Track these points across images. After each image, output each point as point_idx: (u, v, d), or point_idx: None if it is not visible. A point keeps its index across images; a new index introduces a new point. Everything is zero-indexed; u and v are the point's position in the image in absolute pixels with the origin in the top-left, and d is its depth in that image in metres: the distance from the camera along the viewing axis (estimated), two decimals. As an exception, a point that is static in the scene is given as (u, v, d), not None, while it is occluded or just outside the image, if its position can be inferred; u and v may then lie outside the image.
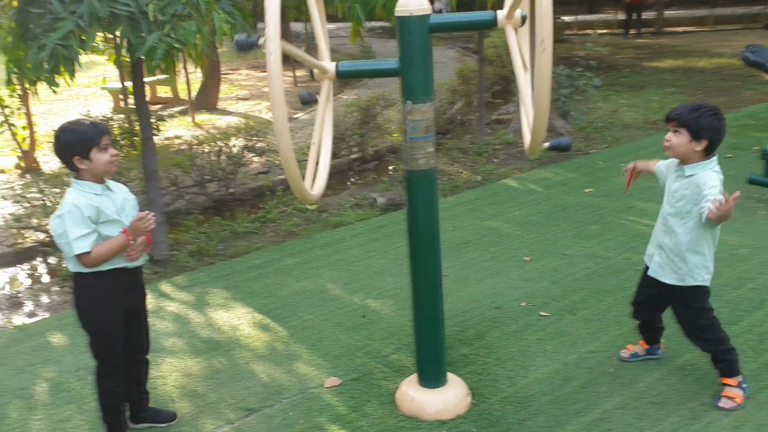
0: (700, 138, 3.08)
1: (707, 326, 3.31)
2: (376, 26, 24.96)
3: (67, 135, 2.99)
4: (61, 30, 4.65)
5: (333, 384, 3.72)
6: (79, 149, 2.98)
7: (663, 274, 3.30)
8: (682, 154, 3.15)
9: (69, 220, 2.92)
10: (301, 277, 5.15)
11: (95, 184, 3.05)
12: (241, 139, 7.79)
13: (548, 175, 7.32)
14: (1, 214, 7.46)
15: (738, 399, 3.29)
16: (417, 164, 3.12)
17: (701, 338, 3.34)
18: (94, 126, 3.02)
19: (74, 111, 13.95)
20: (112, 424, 3.26)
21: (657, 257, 3.33)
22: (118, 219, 3.07)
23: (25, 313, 5.16)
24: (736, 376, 3.33)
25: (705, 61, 14.59)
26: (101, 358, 3.20)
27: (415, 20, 2.92)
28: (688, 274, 3.22)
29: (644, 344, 3.72)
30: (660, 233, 3.32)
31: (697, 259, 3.20)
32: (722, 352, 3.32)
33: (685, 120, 3.09)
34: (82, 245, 2.93)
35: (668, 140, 3.17)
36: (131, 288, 3.22)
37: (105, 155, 3.01)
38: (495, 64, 13.09)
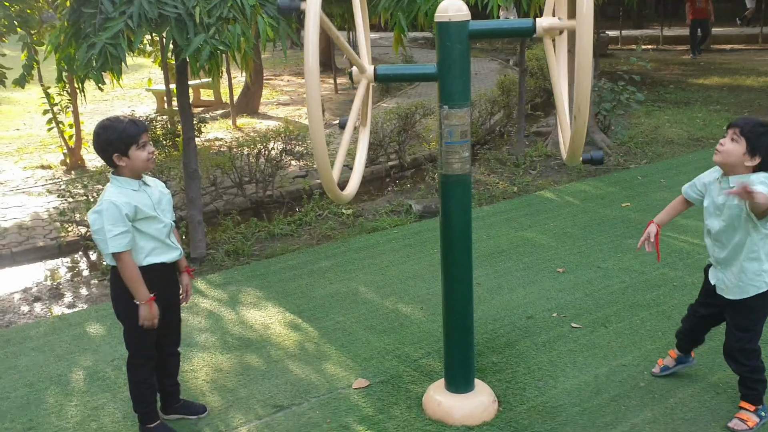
0: (755, 154, 3.02)
1: (752, 351, 3.21)
2: (418, 36, 25.06)
3: (107, 132, 3.06)
4: (111, 29, 4.79)
5: (361, 385, 3.75)
6: (118, 146, 3.06)
7: (728, 291, 3.21)
8: (731, 163, 3.07)
9: (107, 218, 3.00)
10: (335, 280, 5.20)
11: (133, 180, 3.13)
12: (280, 142, 7.90)
13: (586, 188, 7.26)
14: (46, 209, 7.69)
15: (750, 423, 3.22)
16: (452, 168, 3.14)
17: (740, 362, 3.24)
18: (133, 124, 3.10)
19: (119, 111, 14.29)
20: (144, 414, 3.33)
21: (719, 274, 3.24)
22: (155, 215, 3.15)
23: (65, 304, 5.30)
24: (758, 404, 3.26)
25: (753, 80, 14.31)
26: (135, 349, 3.27)
27: (454, 26, 2.94)
28: (749, 284, 3.14)
29: (673, 354, 3.64)
30: (715, 250, 3.24)
31: (755, 266, 3.11)
32: (756, 381, 3.24)
33: (748, 132, 3.03)
34: (117, 244, 3.01)
35: (722, 144, 3.09)
36: (168, 282, 3.29)
37: (143, 153, 3.09)
38: (536, 77, 13.05)
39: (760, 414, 3.25)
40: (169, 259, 3.23)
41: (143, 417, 3.34)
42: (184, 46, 4.91)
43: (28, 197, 8.21)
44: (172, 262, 3.27)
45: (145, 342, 3.24)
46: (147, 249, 3.13)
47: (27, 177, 9.32)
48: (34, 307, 5.27)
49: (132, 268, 3.07)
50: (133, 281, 3.08)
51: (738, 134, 3.04)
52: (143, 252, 3.12)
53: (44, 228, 7.07)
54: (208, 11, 4.95)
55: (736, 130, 3.05)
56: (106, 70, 4.92)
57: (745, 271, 3.12)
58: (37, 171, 9.64)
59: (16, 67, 8.97)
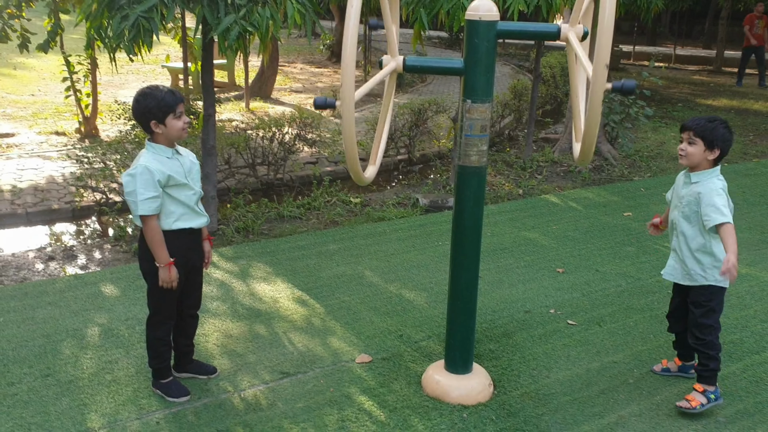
0: (714, 147, 3.37)
1: (707, 326, 3.46)
2: (433, 35, 25.22)
3: (147, 99, 3.22)
4: (145, 3, 4.95)
5: (364, 360, 3.93)
6: (156, 114, 3.21)
7: (677, 276, 3.53)
8: (696, 162, 3.42)
9: (140, 181, 3.16)
10: (342, 262, 5.37)
11: (167, 147, 3.30)
12: (294, 128, 8.06)
13: (589, 195, 7.44)
14: (61, 173, 7.85)
15: (694, 402, 3.46)
16: (470, 160, 3.31)
17: (696, 336, 3.48)
18: (172, 94, 3.26)
19: (134, 85, 14.44)
20: (159, 369, 3.51)
21: (671, 260, 3.58)
22: (186, 182, 3.32)
23: (78, 265, 5.47)
24: (708, 385, 3.49)
25: (761, 104, 14.48)
26: (156, 308, 3.44)
27: (484, 24, 3.11)
28: (700, 274, 3.43)
29: (678, 361, 3.84)
30: (672, 239, 3.56)
31: (708, 260, 3.40)
32: (708, 356, 3.46)
33: (701, 130, 3.36)
34: (146, 207, 3.18)
35: (683, 149, 3.43)
36: (194, 246, 3.47)
37: (179, 122, 3.26)
38: (548, 84, 13.22)
39: (708, 396, 3.47)
40: (197, 224, 3.41)
41: (157, 372, 3.51)
42: (215, 25, 5.07)
43: (44, 161, 8.37)
44: (199, 228, 3.44)
45: (167, 301, 3.41)
46: (177, 214, 3.30)
47: (41, 142, 9.47)
48: (49, 265, 5.44)
49: (156, 231, 3.24)
50: (155, 244, 3.25)
51: (693, 136, 3.39)
52: (173, 216, 3.29)
53: (59, 192, 7.23)
54: (240, -7, 5.11)
55: (690, 132, 3.40)
56: (138, 42, 5.08)
57: (697, 262, 3.43)
58: (52, 137, 9.79)
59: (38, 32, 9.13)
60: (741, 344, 4.23)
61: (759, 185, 7.97)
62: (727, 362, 4.00)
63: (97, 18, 5.39)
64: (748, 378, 3.86)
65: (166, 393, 3.50)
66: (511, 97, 10.63)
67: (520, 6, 6.46)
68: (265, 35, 5.16)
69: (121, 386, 3.62)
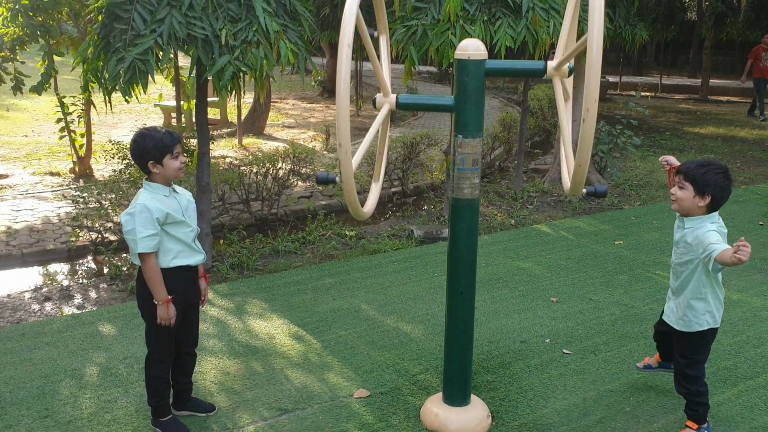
0: (705, 194, 3.20)
1: (693, 378, 3.45)
2: (423, 70, 25.54)
3: (145, 140, 3.31)
4: (141, 46, 5.05)
5: (362, 395, 3.94)
6: (154, 155, 3.30)
7: (673, 319, 3.50)
8: (687, 207, 3.28)
9: (139, 219, 3.23)
10: (338, 296, 5.41)
11: (164, 186, 3.37)
12: (288, 163, 8.15)
13: (580, 224, 7.52)
14: (56, 213, 7.89)
15: None
16: (462, 193, 3.38)
17: (682, 385, 3.49)
18: (169, 135, 3.35)
19: (127, 124, 14.55)
20: (158, 407, 3.52)
21: (670, 302, 3.54)
22: (183, 220, 3.38)
23: (74, 305, 5.48)
24: (701, 423, 3.51)
25: (746, 132, 14.70)
26: (155, 346, 3.47)
27: (472, 63, 3.21)
28: (693, 320, 3.39)
29: (658, 358, 3.91)
30: (671, 280, 3.54)
31: (701, 306, 3.37)
32: (697, 404, 3.49)
33: (692, 175, 3.22)
34: (145, 245, 3.24)
35: (674, 194, 3.33)
36: (191, 284, 3.52)
37: (176, 162, 3.34)
38: (537, 116, 13.41)
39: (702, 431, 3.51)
40: (194, 262, 3.46)
41: (156, 410, 3.53)
42: (209, 66, 5.17)
43: (38, 201, 8.41)
44: (196, 265, 3.49)
45: (165, 340, 3.44)
46: (174, 251, 3.36)
47: (36, 182, 9.52)
48: (45, 306, 5.45)
49: (154, 269, 3.29)
50: (153, 282, 3.30)
51: (683, 180, 3.27)
52: (171, 254, 3.35)
53: (54, 232, 7.26)
54: (234, 34, 5.23)
55: (681, 177, 3.28)
56: (133, 83, 5.18)
57: (691, 307, 3.38)
58: (46, 177, 9.84)
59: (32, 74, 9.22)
60: (735, 370, 4.27)
61: (747, 211, 8.07)
62: (722, 388, 4.04)
63: (94, 61, 5.49)
64: (743, 404, 3.89)
65: (165, 431, 3.51)
66: (500, 130, 10.78)
67: (507, 42, 6.60)
68: (260, 75, 5.26)
69: (120, 425, 3.62)
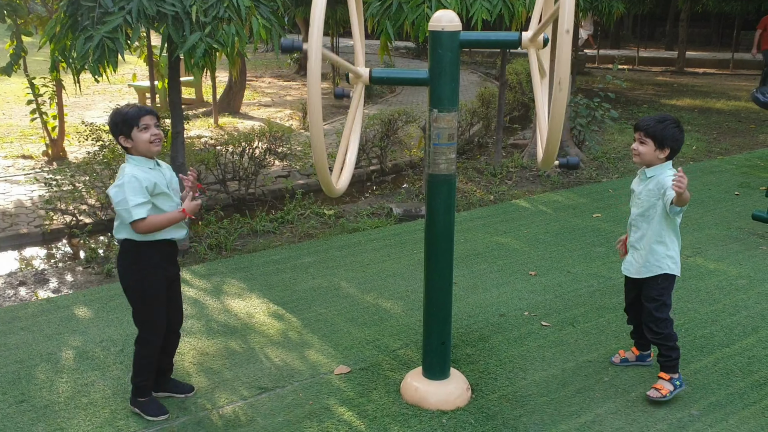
0: (664, 147, 3.47)
1: (662, 320, 3.58)
2: (400, 46, 25.39)
3: (114, 116, 3.31)
4: (110, 24, 4.94)
5: (342, 371, 3.94)
6: (123, 129, 3.27)
7: (634, 271, 3.64)
8: (648, 161, 3.52)
9: (128, 189, 3.19)
10: (317, 275, 5.38)
11: (147, 159, 3.32)
12: (264, 142, 8.07)
13: (559, 198, 7.54)
14: (30, 197, 7.76)
15: (664, 391, 3.59)
16: (439, 169, 3.35)
17: (653, 330, 3.60)
18: (138, 109, 3.31)
19: (101, 105, 14.33)
20: (141, 387, 3.48)
21: (629, 257, 3.69)
22: (169, 192, 3.36)
23: (50, 289, 5.41)
24: (673, 373, 3.62)
25: (722, 103, 14.81)
26: (144, 325, 3.43)
27: (447, 35, 3.16)
28: (654, 264, 3.55)
29: (635, 351, 3.98)
30: (630, 234, 3.68)
31: (662, 249, 3.54)
32: (668, 348, 3.60)
33: (652, 131, 3.46)
34: (140, 212, 3.19)
35: (635, 149, 3.54)
36: (173, 260, 3.50)
37: (145, 134, 3.27)
38: (515, 90, 13.39)
39: (675, 383, 3.62)
40: (180, 236, 3.44)
41: (139, 390, 3.48)
42: (180, 44, 5.07)
43: (11, 185, 8.26)
44: (177, 240, 3.47)
45: (157, 316, 3.42)
46: None
47: (8, 166, 9.36)
48: (19, 291, 5.37)
49: (158, 220, 3.25)
50: (167, 222, 3.27)
51: (643, 136, 3.49)
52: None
53: (28, 216, 7.15)
54: (204, 10, 5.12)
55: (641, 133, 3.51)
56: (103, 62, 5.07)
57: (652, 252, 3.55)
58: (19, 160, 9.67)
59: (0, 56, 9.03)
60: (711, 338, 4.32)
61: (723, 182, 8.15)
62: (698, 356, 4.09)
63: (61, 40, 5.36)
64: (719, 371, 3.94)
65: (144, 411, 3.48)
66: (479, 105, 10.75)
67: (483, 15, 6.55)
68: (232, 52, 5.17)
69: (98, 408, 3.58)
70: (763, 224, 6.32)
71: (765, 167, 8.89)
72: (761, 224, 6.33)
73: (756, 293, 4.99)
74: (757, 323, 4.52)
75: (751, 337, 4.34)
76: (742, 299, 4.89)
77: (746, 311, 4.70)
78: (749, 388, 3.77)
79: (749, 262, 5.57)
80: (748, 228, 6.41)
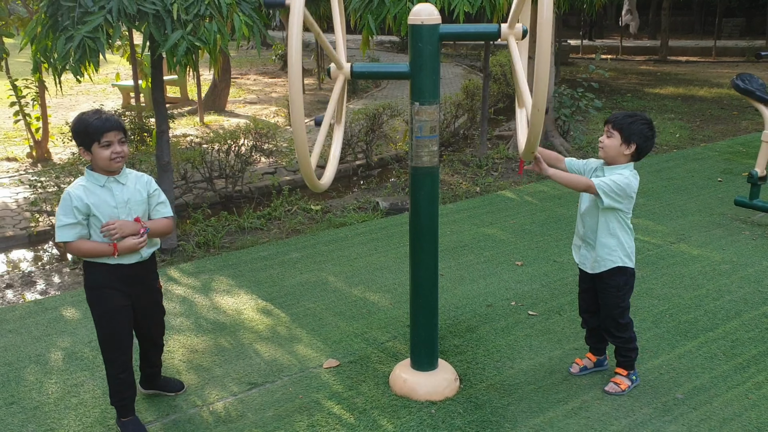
0: (630, 142, 3.36)
1: (624, 325, 3.56)
2: (385, 40, 25.38)
3: (76, 125, 3.06)
4: (90, 23, 4.92)
5: (331, 365, 3.96)
6: (83, 140, 3.05)
7: (588, 266, 3.59)
8: (612, 155, 3.41)
9: (60, 207, 3.04)
10: (305, 270, 5.40)
11: (101, 175, 3.11)
12: (250, 139, 8.06)
13: (544, 188, 7.58)
14: (15, 199, 7.72)
15: (623, 386, 3.63)
16: (422, 161, 3.38)
17: (615, 335, 3.59)
18: (101, 121, 3.03)
19: (85, 106, 14.25)
20: (120, 407, 3.35)
21: (583, 250, 3.61)
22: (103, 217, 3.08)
23: (37, 291, 5.40)
24: (630, 369, 3.66)
25: (705, 90, 14.92)
26: (105, 346, 3.24)
27: (426, 28, 3.18)
28: (607, 258, 3.49)
29: (592, 357, 3.86)
30: (581, 232, 3.61)
31: (613, 242, 3.47)
32: (630, 350, 3.62)
33: (619, 124, 3.37)
34: (63, 234, 3.02)
35: (602, 142, 3.44)
36: (131, 281, 3.23)
37: (105, 151, 3.04)
38: (500, 82, 13.42)
39: (632, 378, 3.67)
40: (131, 261, 3.19)
41: (119, 410, 3.36)
42: (162, 42, 5.06)
43: (-5, 188, 8.22)
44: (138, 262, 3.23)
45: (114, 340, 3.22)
46: None
47: (-8, 168, 9.30)
48: (6, 293, 5.36)
49: (83, 249, 3.07)
50: (94, 252, 3.07)
51: (611, 129, 3.39)
52: None
53: (13, 218, 7.12)
54: (185, 8, 5.11)
55: (609, 126, 3.41)
56: (84, 62, 5.05)
57: (603, 245, 3.48)
58: (3, 163, 9.62)
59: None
60: (695, 323, 4.38)
61: (706, 169, 8.22)
62: (683, 341, 4.14)
63: (42, 40, 5.34)
64: (703, 355, 4.00)
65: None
66: (463, 98, 10.78)
67: (465, 8, 6.57)
68: (214, 50, 5.17)
69: (87, 408, 3.59)
70: (745, 210, 6.39)
71: (747, 153, 8.98)
72: (744, 210, 6.41)
73: (739, 278, 5.05)
74: (740, 307, 4.58)
75: (734, 320, 4.40)
76: (726, 284, 4.95)
77: (729, 296, 4.76)
78: (732, 371, 3.83)
79: (732, 248, 5.64)
80: (731, 214, 6.48)
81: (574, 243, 3.74)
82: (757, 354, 4.00)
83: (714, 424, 3.37)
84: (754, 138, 9.94)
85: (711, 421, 3.39)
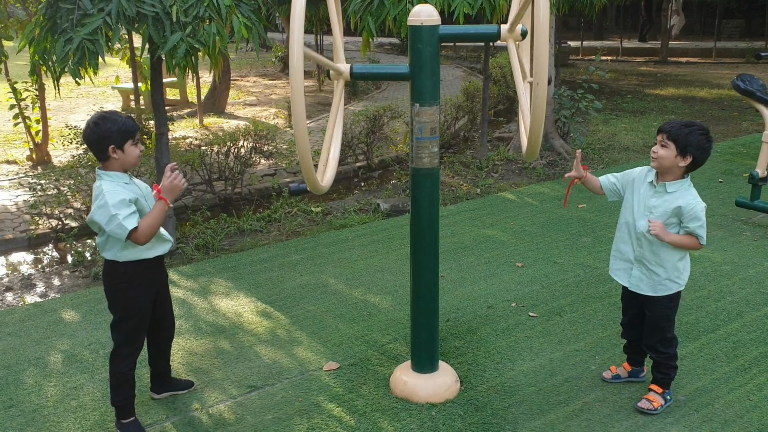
0: (686, 154, 3.19)
1: (670, 340, 3.46)
2: (385, 42, 25.39)
3: (107, 124, 3.09)
4: (89, 25, 4.92)
5: (331, 368, 3.95)
6: (116, 139, 3.10)
7: (646, 289, 3.40)
8: (667, 167, 3.25)
9: (113, 206, 3.04)
10: (305, 272, 5.39)
11: (123, 174, 3.19)
12: (249, 141, 8.05)
13: (544, 190, 7.57)
14: (14, 202, 7.71)
15: (656, 404, 3.46)
16: (422, 162, 3.37)
17: (659, 350, 3.46)
18: (131, 121, 3.18)
19: (84, 108, 14.25)
20: (121, 407, 3.36)
21: (636, 272, 3.41)
22: (145, 206, 3.24)
23: (37, 294, 5.38)
24: (666, 387, 3.52)
25: (706, 91, 14.90)
26: (123, 340, 3.31)
27: (426, 29, 3.17)
28: (675, 280, 3.35)
29: (627, 366, 3.77)
30: (636, 248, 3.40)
31: (682, 264, 3.36)
32: (668, 367, 3.49)
33: (675, 134, 3.19)
34: (131, 222, 3.07)
35: (655, 152, 3.28)
36: (155, 270, 3.39)
37: (137, 149, 3.18)
38: (500, 84, 13.41)
39: (666, 397, 3.51)
40: (164, 250, 3.35)
41: (120, 410, 3.37)
42: (161, 44, 5.05)
43: (-5, 191, 8.21)
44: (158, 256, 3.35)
45: (140, 332, 3.34)
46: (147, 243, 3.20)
47: (-8, 171, 9.29)
48: (6, 296, 5.35)
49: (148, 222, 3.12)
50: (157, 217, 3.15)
51: (666, 139, 3.22)
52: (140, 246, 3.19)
53: (13, 221, 7.11)
54: (184, 10, 5.11)
55: (664, 135, 3.23)
56: (83, 65, 5.04)
57: (675, 268, 3.33)
58: (2, 166, 9.61)
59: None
60: (696, 324, 4.36)
61: (707, 169, 8.18)
62: (684, 343, 4.12)
63: (41, 43, 5.33)
64: (705, 356, 3.98)
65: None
66: (464, 99, 10.77)
67: (465, 9, 6.57)
68: (213, 51, 5.16)
69: (87, 411, 3.58)
70: (746, 211, 6.38)
71: (748, 154, 8.97)
72: (745, 211, 6.40)
73: (740, 279, 5.04)
74: (741, 308, 4.57)
75: (735, 322, 4.38)
76: (727, 285, 4.94)
77: (731, 297, 4.75)
78: (734, 372, 3.81)
79: (733, 248, 5.63)
80: (731, 215, 6.47)
81: (616, 266, 3.52)
82: (759, 355, 3.99)
83: (716, 426, 3.35)
84: (754, 139, 9.93)
85: (713, 423, 3.37)
